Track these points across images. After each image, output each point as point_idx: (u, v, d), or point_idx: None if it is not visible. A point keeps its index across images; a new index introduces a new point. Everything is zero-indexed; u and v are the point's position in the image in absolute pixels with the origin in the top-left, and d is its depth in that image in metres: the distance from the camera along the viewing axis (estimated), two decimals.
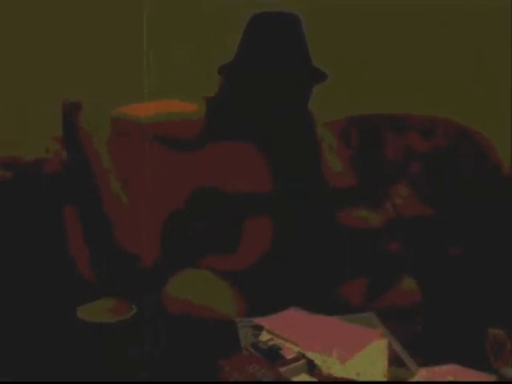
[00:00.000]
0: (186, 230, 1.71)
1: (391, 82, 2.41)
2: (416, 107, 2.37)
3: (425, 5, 2.38)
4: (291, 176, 1.73)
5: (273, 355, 1.28)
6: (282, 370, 1.23)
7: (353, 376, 1.25)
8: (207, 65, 1.77)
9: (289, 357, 1.28)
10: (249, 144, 1.69)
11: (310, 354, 1.28)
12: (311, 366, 1.27)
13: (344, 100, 2.35)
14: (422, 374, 1.25)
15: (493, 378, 1.24)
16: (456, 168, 2.29)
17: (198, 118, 1.72)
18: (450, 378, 1.23)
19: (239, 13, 1.78)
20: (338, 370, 1.25)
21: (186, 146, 1.70)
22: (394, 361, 1.32)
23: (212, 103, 1.75)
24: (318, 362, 1.27)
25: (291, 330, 1.36)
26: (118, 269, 1.65)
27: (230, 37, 1.74)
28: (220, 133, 1.70)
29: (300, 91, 1.71)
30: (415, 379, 1.24)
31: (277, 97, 1.68)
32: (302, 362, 1.27)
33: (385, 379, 1.27)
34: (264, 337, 1.37)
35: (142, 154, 1.70)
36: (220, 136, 1.70)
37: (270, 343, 1.33)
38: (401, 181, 2.22)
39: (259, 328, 1.42)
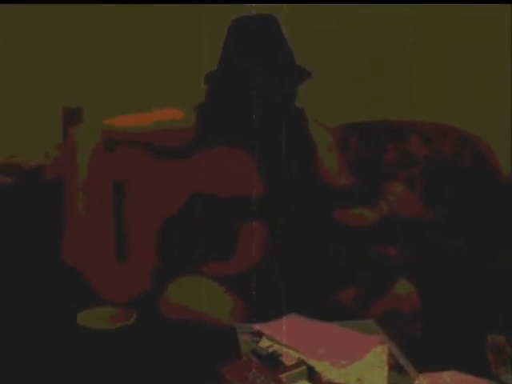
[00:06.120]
0: (182, 236, 1.71)
1: (391, 89, 2.41)
2: (416, 113, 2.37)
3: (425, 10, 2.38)
4: (286, 177, 1.73)
5: (273, 362, 1.28)
6: (282, 376, 1.23)
7: (353, 382, 1.25)
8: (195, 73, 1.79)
9: (289, 363, 1.28)
10: (241, 149, 1.70)
11: (310, 361, 1.28)
12: (311, 373, 1.26)
13: (344, 106, 2.36)
14: (422, 380, 1.25)
15: None
16: (456, 173, 2.29)
17: (188, 126, 1.74)
18: None
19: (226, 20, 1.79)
20: (337, 377, 1.25)
21: (178, 153, 1.71)
22: (394, 367, 1.32)
23: (201, 111, 1.77)
24: (318, 368, 1.27)
25: (291, 337, 1.36)
26: None
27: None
28: (211, 139, 1.72)
29: (285, 90, 1.73)
30: None
31: (263, 98, 1.69)
32: (302, 368, 1.27)
33: None
34: (264, 343, 1.37)
35: (135, 163, 1.71)
36: (212, 143, 1.71)
37: (270, 350, 1.33)
38: (397, 180, 2.22)
39: (259, 334, 1.41)
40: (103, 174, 1.72)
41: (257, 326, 1.44)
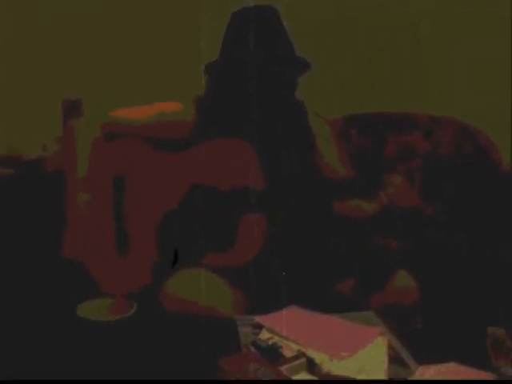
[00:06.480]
0: (182, 228, 1.71)
1: (393, 81, 2.41)
2: (417, 106, 2.37)
3: (425, 2, 2.38)
4: (286, 170, 1.73)
5: (273, 354, 1.28)
6: (282, 368, 1.23)
7: (353, 374, 1.25)
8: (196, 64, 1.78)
9: (289, 355, 1.28)
10: (241, 140, 1.70)
11: (310, 353, 1.28)
12: (311, 365, 1.27)
13: (344, 98, 2.35)
14: (422, 372, 1.25)
15: (493, 377, 1.24)
16: (456, 166, 2.29)
17: (189, 118, 1.74)
18: (450, 377, 1.23)
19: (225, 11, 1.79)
20: (337, 369, 1.25)
21: (179, 146, 1.71)
22: (394, 359, 1.32)
23: (201, 102, 1.77)
24: (318, 360, 1.27)
25: (291, 329, 1.36)
26: None
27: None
28: (212, 131, 1.72)
29: (285, 81, 1.74)
30: (415, 377, 1.24)
31: (263, 90, 1.69)
32: (302, 360, 1.27)
33: (385, 377, 1.27)
34: (264, 335, 1.37)
35: (135, 156, 1.71)
36: (212, 134, 1.71)
37: (270, 342, 1.33)
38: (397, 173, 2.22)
39: (259, 326, 1.42)
40: (103, 167, 1.71)
41: (257, 318, 1.44)
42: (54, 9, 2.27)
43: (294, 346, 1.31)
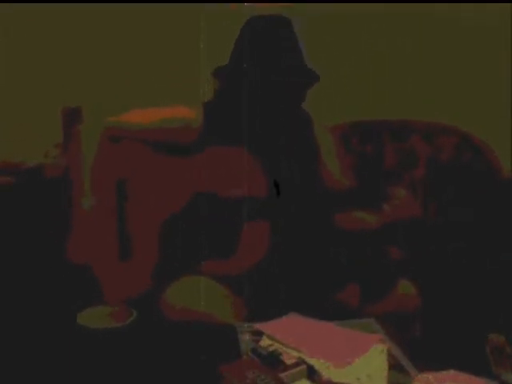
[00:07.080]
0: (184, 235, 1.71)
1: (392, 89, 2.41)
2: (416, 113, 2.37)
3: (426, 10, 2.38)
4: (289, 179, 1.73)
5: (273, 361, 1.28)
6: (283, 375, 1.23)
7: (353, 381, 1.25)
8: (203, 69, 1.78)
9: (289, 362, 1.28)
10: (246, 148, 1.70)
11: (310, 360, 1.28)
12: (311, 372, 1.27)
13: (345, 105, 2.36)
14: (422, 379, 1.25)
15: None
16: (456, 172, 2.29)
17: (195, 124, 1.74)
18: None
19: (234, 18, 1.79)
20: (337, 376, 1.25)
21: (183, 151, 1.71)
22: (394, 366, 1.32)
23: (209, 108, 1.76)
24: (318, 367, 1.27)
25: (291, 336, 1.36)
26: None
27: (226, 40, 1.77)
28: (217, 137, 1.71)
29: (294, 92, 1.73)
30: None
31: (272, 99, 1.69)
32: (303, 367, 1.27)
33: None
34: (264, 342, 1.37)
35: (139, 161, 1.71)
36: (217, 141, 1.71)
37: (271, 349, 1.33)
38: (400, 184, 2.23)
39: (259, 333, 1.42)
40: (107, 172, 1.71)
41: (257, 325, 1.44)
42: (55, 16, 2.28)
43: (294, 353, 1.31)
